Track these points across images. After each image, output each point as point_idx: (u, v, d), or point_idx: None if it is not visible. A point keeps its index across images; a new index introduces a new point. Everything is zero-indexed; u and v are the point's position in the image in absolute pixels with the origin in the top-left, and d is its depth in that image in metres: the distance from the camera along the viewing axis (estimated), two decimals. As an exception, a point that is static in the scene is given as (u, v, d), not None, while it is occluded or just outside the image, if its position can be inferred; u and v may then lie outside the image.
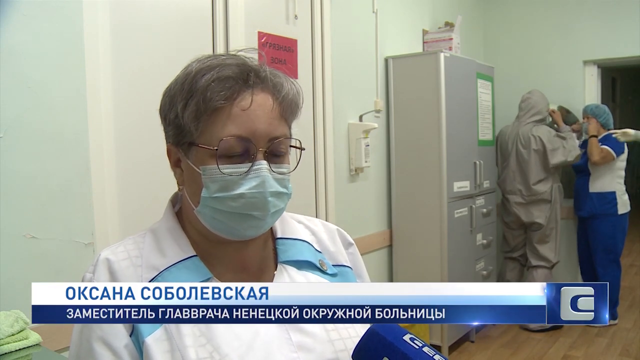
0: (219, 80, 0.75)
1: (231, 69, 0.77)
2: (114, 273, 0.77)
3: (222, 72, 0.76)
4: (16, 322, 1.34)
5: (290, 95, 0.81)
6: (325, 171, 2.76)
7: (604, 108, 3.87)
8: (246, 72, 0.78)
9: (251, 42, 2.32)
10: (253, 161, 0.76)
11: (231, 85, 0.76)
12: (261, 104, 0.77)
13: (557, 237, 3.85)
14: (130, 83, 1.86)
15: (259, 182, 0.76)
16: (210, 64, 0.78)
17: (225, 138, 0.75)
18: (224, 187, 0.76)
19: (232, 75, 0.76)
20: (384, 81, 3.28)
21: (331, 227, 0.96)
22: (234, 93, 0.76)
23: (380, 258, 3.30)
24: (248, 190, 0.76)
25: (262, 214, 0.77)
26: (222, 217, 0.78)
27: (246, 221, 0.78)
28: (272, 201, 0.77)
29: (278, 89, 0.79)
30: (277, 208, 0.79)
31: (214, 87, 0.75)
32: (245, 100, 0.76)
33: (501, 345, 3.56)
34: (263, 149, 0.77)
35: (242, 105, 0.76)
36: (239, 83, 0.76)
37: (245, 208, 0.76)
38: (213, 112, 0.76)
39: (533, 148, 3.74)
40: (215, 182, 0.76)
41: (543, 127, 3.78)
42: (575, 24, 4.18)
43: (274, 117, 0.78)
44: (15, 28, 1.54)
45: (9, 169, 1.53)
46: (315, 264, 0.87)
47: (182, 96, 0.77)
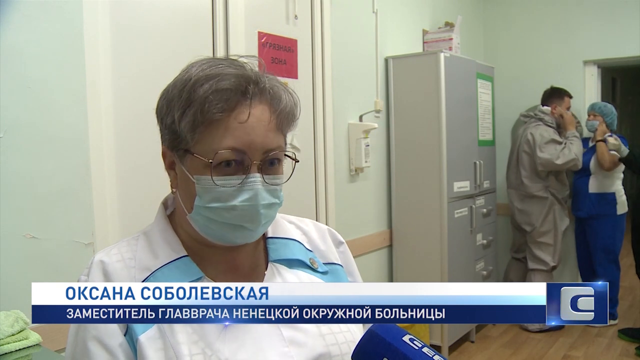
0: (217, 91, 0.75)
1: (229, 81, 0.76)
2: (108, 275, 0.78)
3: (221, 84, 0.75)
4: (16, 322, 1.34)
5: (288, 108, 0.81)
6: (325, 171, 2.76)
7: (612, 108, 3.83)
8: (245, 83, 0.77)
9: (251, 42, 2.32)
10: (247, 174, 0.77)
11: (229, 97, 0.75)
12: (258, 117, 0.77)
13: (557, 241, 3.82)
14: (130, 83, 1.86)
15: (251, 195, 0.77)
16: (209, 73, 0.77)
17: (220, 151, 0.75)
18: (217, 199, 0.77)
19: (231, 87, 0.76)
20: (384, 81, 3.28)
21: (322, 226, 0.97)
22: (232, 105, 0.76)
23: (380, 258, 3.30)
24: (240, 203, 0.76)
25: (254, 225, 0.79)
26: (215, 226, 0.79)
27: (237, 231, 0.79)
28: (264, 213, 0.78)
29: (276, 101, 0.79)
30: (268, 219, 0.81)
31: (211, 99, 0.75)
32: (242, 113, 0.76)
33: (501, 345, 3.56)
34: (257, 161, 0.77)
35: (239, 118, 0.76)
36: (237, 95, 0.76)
37: (237, 220, 0.77)
38: (210, 124, 0.76)
39: (525, 146, 3.74)
40: (208, 193, 0.77)
41: (542, 127, 3.76)
42: (575, 24, 4.18)
43: (270, 130, 0.78)
44: (15, 28, 1.54)
45: (9, 169, 1.53)
46: (306, 262, 0.88)
47: (180, 104, 0.77)
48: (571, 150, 3.61)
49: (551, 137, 3.68)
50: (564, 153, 3.61)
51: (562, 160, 3.61)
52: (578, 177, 3.89)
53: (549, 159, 3.63)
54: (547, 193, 3.76)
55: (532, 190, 3.76)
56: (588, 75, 4.22)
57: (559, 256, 3.84)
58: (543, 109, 3.80)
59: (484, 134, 3.78)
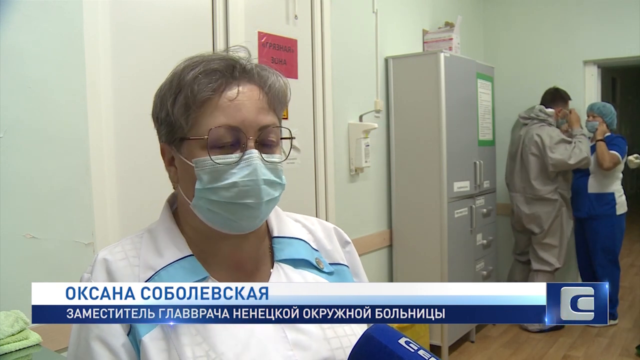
0: (205, 73, 0.77)
1: (217, 63, 0.79)
2: (111, 273, 0.78)
3: (209, 66, 0.78)
4: (16, 322, 1.34)
5: (277, 85, 0.82)
6: (325, 171, 2.76)
7: (611, 108, 3.83)
8: (232, 65, 0.79)
9: (251, 42, 2.32)
10: (244, 150, 0.77)
11: (218, 78, 0.78)
12: (248, 94, 0.79)
13: (563, 243, 3.80)
14: (130, 83, 1.86)
15: (251, 170, 0.77)
16: (196, 60, 0.80)
17: (214, 128, 0.76)
18: (217, 177, 0.77)
19: (218, 68, 0.78)
20: (384, 81, 3.28)
21: (328, 225, 0.96)
22: (221, 85, 0.78)
23: (380, 258, 3.30)
24: (241, 179, 0.76)
25: (256, 202, 0.78)
26: (217, 208, 0.78)
27: (240, 210, 0.78)
28: (265, 189, 0.78)
29: (264, 81, 0.81)
30: (270, 197, 0.79)
31: (200, 79, 0.77)
32: (231, 90, 0.78)
33: (501, 345, 3.56)
34: (253, 137, 0.78)
35: (229, 96, 0.78)
36: (225, 75, 0.78)
37: (239, 197, 0.77)
38: (202, 104, 0.77)
39: (533, 148, 3.72)
40: (207, 173, 0.77)
41: (547, 127, 3.73)
42: (575, 24, 4.18)
43: (262, 107, 0.79)
44: (15, 28, 1.54)
45: (9, 169, 1.53)
46: (312, 262, 0.87)
47: (171, 92, 0.79)
48: (582, 149, 3.60)
49: (561, 137, 3.66)
50: (575, 152, 3.59)
51: (575, 159, 3.59)
52: (577, 177, 3.88)
53: (561, 159, 3.60)
54: (556, 195, 3.74)
55: (542, 193, 3.72)
56: (588, 75, 4.22)
57: (564, 258, 3.82)
58: (547, 110, 3.78)
59: (484, 134, 3.78)
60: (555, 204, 3.74)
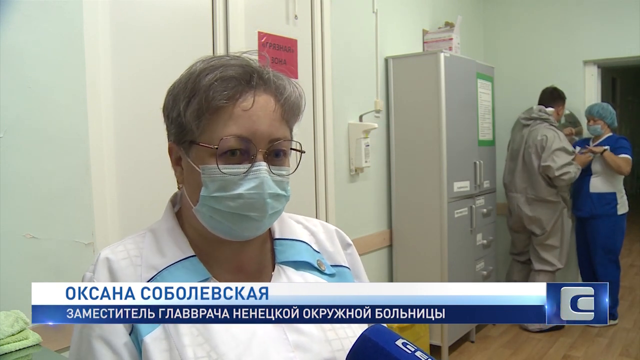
0: (222, 80, 0.76)
1: (234, 70, 0.77)
2: (113, 272, 0.78)
3: (226, 72, 0.76)
4: (16, 322, 1.34)
5: (293, 97, 0.81)
6: (325, 171, 2.76)
7: (609, 108, 3.82)
8: (249, 73, 0.78)
9: (251, 42, 2.32)
10: (253, 162, 0.76)
11: (234, 86, 0.76)
12: (263, 105, 0.77)
13: (564, 243, 3.79)
14: (130, 83, 1.86)
15: (257, 183, 0.76)
16: (214, 64, 0.78)
17: (225, 137, 0.75)
18: (223, 187, 0.76)
19: (235, 75, 0.77)
20: (384, 81, 3.28)
21: (330, 227, 0.96)
22: (237, 93, 0.76)
23: (380, 258, 3.30)
24: (247, 191, 0.76)
25: (260, 215, 0.77)
26: (220, 217, 0.78)
27: (243, 222, 0.78)
28: (270, 203, 0.77)
29: (280, 91, 0.80)
30: (274, 210, 0.79)
31: (216, 86, 0.75)
32: (247, 100, 0.76)
33: (501, 345, 3.56)
34: (263, 150, 0.77)
35: (244, 106, 0.76)
36: (241, 84, 0.77)
37: (243, 209, 0.77)
38: (215, 112, 0.76)
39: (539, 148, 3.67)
40: (214, 182, 0.76)
41: (551, 129, 3.67)
42: (575, 24, 4.18)
43: (275, 119, 0.78)
44: (15, 28, 1.54)
45: (9, 169, 1.53)
46: (313, 264, 0.87)
47: (185, 95, 0.78)
48: (576, 175, 3.61)
49: (562, 145, 3.61)
50: (567, 169, 3.57)
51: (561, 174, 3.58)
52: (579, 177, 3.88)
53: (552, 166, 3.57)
54: (558, 197, 3.73)
55: (545, 195, 3.70)
56: (588, 75, 4.22)
57: (565, 258, 3.81)
58: (547, 110, 3.77)
59: (484, 134, 3.78)
60: (558, 205, 3.73)
